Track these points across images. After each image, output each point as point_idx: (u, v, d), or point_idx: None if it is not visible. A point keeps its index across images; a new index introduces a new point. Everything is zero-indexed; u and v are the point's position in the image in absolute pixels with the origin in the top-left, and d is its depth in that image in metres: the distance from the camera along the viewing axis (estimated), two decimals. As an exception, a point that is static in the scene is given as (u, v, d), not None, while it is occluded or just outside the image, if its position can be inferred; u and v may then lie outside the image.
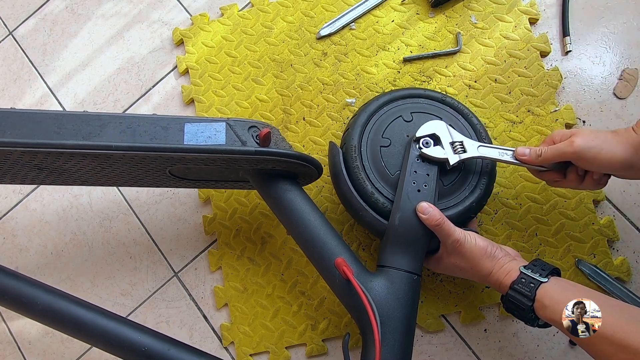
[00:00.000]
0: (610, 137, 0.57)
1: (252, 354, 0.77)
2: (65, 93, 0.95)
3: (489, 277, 0.58)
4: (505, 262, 0.57)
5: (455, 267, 0.62)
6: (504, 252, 0.59)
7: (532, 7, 0.81)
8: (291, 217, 0.65)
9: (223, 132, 0.60)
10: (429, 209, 0.60)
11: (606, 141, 0.56)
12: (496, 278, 0.57)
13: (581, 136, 0.58)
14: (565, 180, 0.63)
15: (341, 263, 0.59)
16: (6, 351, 0.85)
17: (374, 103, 0.69)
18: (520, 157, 0.62)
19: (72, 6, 1.00)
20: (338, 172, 0.66)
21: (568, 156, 0.58)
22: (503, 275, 0.56)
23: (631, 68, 0.77)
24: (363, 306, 0.56)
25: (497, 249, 0.59)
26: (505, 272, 0.56)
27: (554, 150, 0.59)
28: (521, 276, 0.54)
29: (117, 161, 0.58)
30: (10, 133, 0.54)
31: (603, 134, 0.57)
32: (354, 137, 0.66)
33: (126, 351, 0.61)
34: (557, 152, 0.59)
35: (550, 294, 0.52)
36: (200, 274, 0.82)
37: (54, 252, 0.87)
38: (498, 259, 0.58)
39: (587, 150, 0.56)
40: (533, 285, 0.53)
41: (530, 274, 0.54)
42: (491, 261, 0.58)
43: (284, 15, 0.89)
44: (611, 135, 0.57)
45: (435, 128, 0.63)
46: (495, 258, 0.58)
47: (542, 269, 0.55)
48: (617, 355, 0.46)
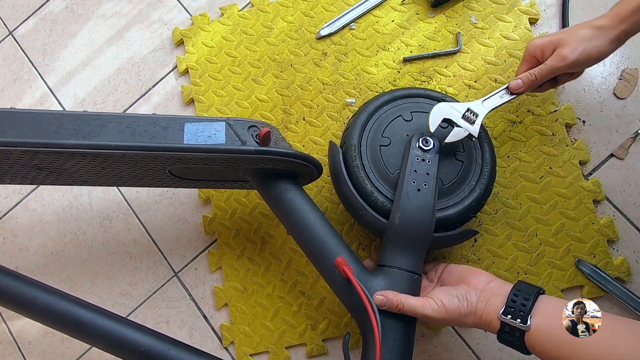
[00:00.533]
0: (590, 34, 0.58)
1: (252, 354, 0.77)
2: (65, 93, 0.95)
3: (478, 326, 0.55)
4: (482, 309, 0.53)
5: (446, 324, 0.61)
6: (475, 296, 0.55)
7: (532, 7, 0.81)
8: (291, 217, 0.65)
9: (223, 132, 0.60)
10: (383, 299, 0.57)
11: (590, 41, 0.58)
12: (482, 327, 0.54)
13: (567, 46, 0.58)
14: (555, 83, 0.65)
15: (341, 262, 0.59)
16: (6, 351, 0.85)
17: (373, 102, 0.69)
18: (517, 89, 0.63)
19: (72, 6, 1.00)
20: (338, 171, 0.66)
21: (562, 70, 0.59)
22: (487, 327, 0.54)
23: (631, 68, 0.77)
24: (363, 306, 0.56)
25: (466, 299, 0.54)
26: (487, 323, 0.53)
27: (548, 69, 0.60)
28: (503, 327, 0.51)
29: (117, 161, 0.58)
30: (10, 133, 0.54)
31: (583, 32, 0.58)
32: (353, 137, 0.66)
33: (126, 351, 0.61)
34: (551, 70, 0.60)
35: (538, 341, 0.49)
36: (200, 274, 0.82)
37: (54, 252, 0.87)
38: (474, 311, 0.54)
39: (579, 57, 0.58)
40: (517, 334, 0.50)
41: (510, 322, 0.50)
42: (469, 317, 0.54)
43: (284, 15, 0.89)
44: (590, 32, 0.58)
45: (443, 112, 0.63)
46: (471, 312, 0.54)
47: (520, 309, 0.50)
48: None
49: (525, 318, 0.50)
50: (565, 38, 0.60)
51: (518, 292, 0.52)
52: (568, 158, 0.74)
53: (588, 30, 0.58)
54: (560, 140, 0.75)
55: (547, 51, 0.62)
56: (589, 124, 0.76)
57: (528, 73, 0.62)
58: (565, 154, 0.74)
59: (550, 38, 0.61)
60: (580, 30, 0.59)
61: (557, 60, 0.59)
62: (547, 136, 0.75)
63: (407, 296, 0.57)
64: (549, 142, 0.75)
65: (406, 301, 0.56)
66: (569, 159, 0.74)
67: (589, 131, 0.76)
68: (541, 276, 0.71)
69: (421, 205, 0.61)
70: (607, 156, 0.74)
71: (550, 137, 0.75)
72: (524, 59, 0.65)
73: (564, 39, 0.60)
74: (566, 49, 0.58)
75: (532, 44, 0.63)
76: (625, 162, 0.74)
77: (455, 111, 0.64)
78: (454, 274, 0.61)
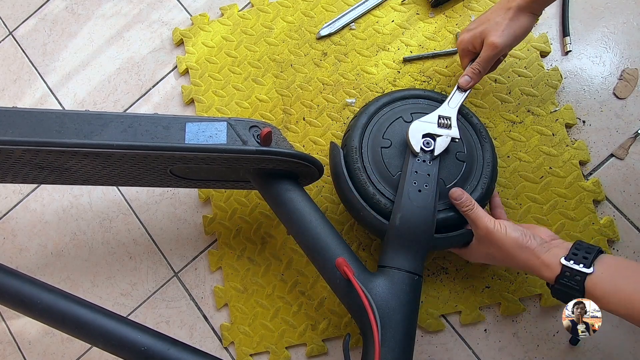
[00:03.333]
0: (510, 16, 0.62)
1: (252, 354, 0.77)
2: (65, 93, 0.95)
3: (526, 268, 0.56)
4: (542, 252, 0.55)
5: (489, 256, 0.61)
6: (538, 239, 0.57)
7: (532, 7, 0.81)
8: (292, 217, 0.65)
9: (224, 132, 0.60)
10: (461, 195, 0.61)
11: (512, 22, 0.62)
12: (536, 270, 0.55)
13: (492, 34, 0.63)
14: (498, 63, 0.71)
15: (342, 263, 0.59)
16: (6, 351, 0.85)
17: (373, 104, 0.70)
18: (467, 85, 0.67)
19: (72, 6, 1.00)
20: (339, 172, 0.66)
21: (498, 56, 0.65)
22: (544, 269, 0.54)
23: (631, 68, 0.77)
24: (363, 307, 0.56)
25: (531, 238, 0.56)
26: (545, 265, 0.54)
27: (485, 59, 0.65)
28: (564, 270, 0.52)
29: (118, 160, 0.58)
30: (12, 132, 0.54)
31: (501, 18, 0.63)
32: (354, 139, 0.66)
33: (126, 351, 0.60)
34: (488, 59, 0.65)
35: (600, 286, 0.50)
36: (200, 274, 0.82)
37: (54, 252, 0.87)
38: (533, 249, 0.55)
39: (507, 40, 0.63)
40: (579, 278, 0.51)
41: (573, 267, 0.51)
42: (525, 252, 0.56)
43: (284, 15, 0.89)
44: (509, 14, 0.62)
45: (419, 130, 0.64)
46: (529, 249, 0.56)
47: (584, 257, 0.52)
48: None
49: (589, 264, 0.51)
50: (487, 28, 0.64)
51: (580, 245, 0.54)
52: (568, 158, 0.74)
53: (505, 14, 0.63)
54: (560, 140, 0.75)
55: (476, 43, 0.66)
56: (589, 124, 0.76)
57: (471, 68, 0.67)
58: (565, 154, 0.74)
59: (474, 31, 0.66)
60: (497, 16, 0.63)
61: (490, 49, 0.64)
62: (547, 136, 0.75)
63: (479, 205, 0.61)
64: (549, 142, 0.75)
65: (477, 207, 0.60)
66: (569, 159, 0.74)
67: (589, 131, 0.76)
68: (541, 276, 0.71)
69: (422, 206, 0.61)
70: (607, 156, 0.74)
71: (550, 137, 0.75)
72: (461, 55, 0.71)
73: (487, 28, 0.64)
74: (493, 37, 0.63)
75: (461, 41, 0.68)
76: (625, 162, 0.74)
77: (429, 124, 0.64)
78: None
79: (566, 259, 0.52)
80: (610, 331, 0.68)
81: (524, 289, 0.71)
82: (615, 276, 0.50)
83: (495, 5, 0.65)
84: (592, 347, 0.69)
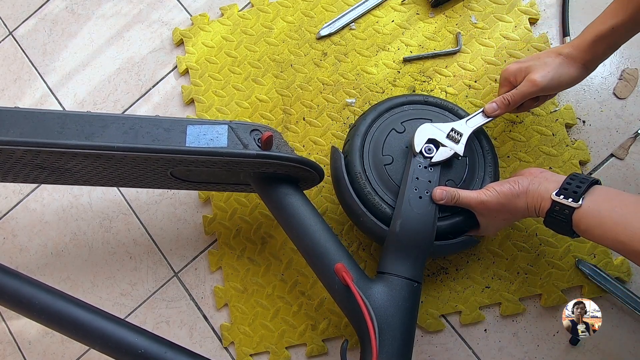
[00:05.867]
0: (560, 62, 0.61)
1: (252, 354, 0.77)
2: (65, 93, 0.95)
3: (527, 211, 0.57)
4: (534, 189, 0.56)
5: (500, 222, 0.62)
6: (527, 180, 0.57)
7: (532, 7, 0.81)
8: (291, 221, 0.65)
9: (225, 135, 0.60)
10: (442, 193, 0.61)
11: (560, 67, 0.62)
12: (532, 209, 0.56)
13: (536, 72, 0.62)
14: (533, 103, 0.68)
15: (341, 269, 0.58)
16: (6, 351, 0.85)
17: (376, 109, 0.70)
18: (492, 113, 0.66)
19: (72, 6, 1.00)
20: (340, 177, 0.66)
21: (534, 94, 0.63)
22: (538, 205, 0.55)
23: (631, 68, 0.77)
24: (361, 313, 0.55)
25: (518, 183, 0.57)
26: (538, 201, 0.55)
27: (520, 94, 0.64)
28: (553, 206, 0.53)
29: (118, 162, 0.58)
30: (13, 132, 0.54)
31: (551, 60, 0.62)
32: (356, 143, 0.66)
33: (123, 353, 0.60)
34: (523, 95, 0.64)
35: (584, 220, 0.51)
36: (200, 274, 0.82)
37: (54, 252, 0.87)
38: (525, 191, 0.56)
39: (549, 83, 0.62)
40: (567, 212, 0.52)
41: (562, 201, 0.52)
42: (521, 198, 0.57)
43: (284, 15, 0.89)
44: (557, 60, 0.62)
45: (427, 133, 0.64)
46: (523, 192, 0.57)
47: (574, 190, 0.52)
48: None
49: (578, 198, 0.51)
50: (535, 65, 0.63)
51: (574, 177, 0.54)
52: (568, 158, 0.74)
53: (555, 58, 0.62)
54: (560, 140, 0.75)
55: (519, 76, 0.65)
56: (589, 124, 0.76)
57: (502, 97, 0.66)
58: (565, 154, 0.74)
59: (521, 64, 0.65)
60: (548, 57, 0.63)
61: (528, 86, 0.63)
62: (547, 136, 0.75)
63: (462, 190, 0.61)
64: (549, 142, 0.75)
65: (462, 193, 0.61)
66: (569, 159, 0.74)
67: (589, 131, 0.76)
68: (541, 276, 0.71)
69: (422, 213, 0.61)
70: (607, 156, 0.74)
71: (550, 137, 0.75)
72: (501, 83, 0.69)
73: (534, 65, 0.63)
74: (536, 75, 0.62)
75: (505, 70, 0.67)
76: (625, 162, 0.74)
77: (439, 131, 0.64)
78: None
79: (557, 194, 0.53)
80: (610, 331, 0.69)
81: (524, 289, 0.71)
82: (601, 208, 0.50)
83: (553, 48, 0.64)
84: (592, 347, 0.69)
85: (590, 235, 0.51)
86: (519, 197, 0.57)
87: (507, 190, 0.57)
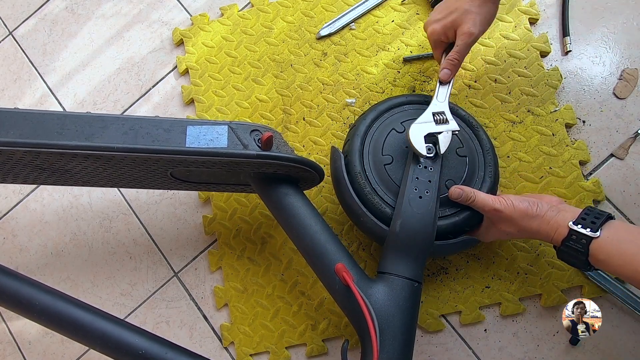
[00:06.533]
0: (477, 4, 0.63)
1: (252, 354, 0.77)
2: (65, 93, 0.95)
3: (538, 235, 0.57)
4: (551, 216, 0.56)
5: (503, 233, 0.61)
6: (547, 205, 0.57)
7: (532, 7, 0.81)
8: (292, 222, 0.65)
9: (225, 135, 0.60)
10: (460, 191, 0.61)
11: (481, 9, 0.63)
12: (545, 234, 0.56)
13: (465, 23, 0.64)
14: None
15: (341, 269, 0.58)
16: (6, 351, 0.85)
17: (377, 108, 0.70)
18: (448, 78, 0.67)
19: (72, 6, 1.00)
20: (340, 177, 0.66)
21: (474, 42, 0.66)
22: (553, 232, 0.55)
23: (631, 68, 0.77)
24: (362, 313, 0.55)
25: (538, 205, 0.57)
26: (554, 228, 0.55)
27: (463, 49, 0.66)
28: (571, 233, 0.53)
29: (118, 163, 0.58)
30: (13, 133, 0.54)
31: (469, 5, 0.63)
32: (355, 143, 0.66)
33: (123, 354, 0.60)
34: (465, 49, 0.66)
35: (604, 249, 0.51)
36: (200, 274, 0.82)
37: (54, 252, 0.87)
38: (542, 215, 0.56)
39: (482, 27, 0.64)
40: (585, 241, 0.52)
41: (580, 230, 0.52)
42: (536, 220, 0.56)
43: (284, 15, 0.89)
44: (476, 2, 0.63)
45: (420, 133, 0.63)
46: (539, 216, 0.56)
47: (592, 221, 0.53)
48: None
49: (596, 229, 0.52)
50: (458, 17, 0.64)
51: (590, 210, 0.54)
52: (568, 158, 0.74)
53: (471, 2, 0.63)
54: (560, 140, 0.75)
55: (449, 34, 0.67)
56: (589, 124, 0.76)
57: (449, 60, 0.67)
58: (565, 154, 0.74)
59: (443, 22, 0.66)
60: (464, 4, 0.64)
61: (466, 38, 0.64)
62: (547, 136, 0.75)
63: (479, 192, 0.61)
64: (549, 142, 0.75)
65: (478, 195, 0.61)
66: (569, 159, 0.74)
67: (589, 131, 0.76)
68: (541, 276, 0.71)
69: (422, 213, 0.61)
70: (607, 156, 0.74)
71: (550, 137, 0.75)
72: (434, 46, 0.70)
73: (458, 18, 0.64)
74: (466, 26, 0.64)
75: (432, 32, 0.68)
76: (625, 162, 0.74)
77: (426, 124, 0.64)
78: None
79: (574, 223, 0.53)
80: (610, 331, 0.69)
81: (524, 289, 0.71)
82: (620, 240, 0.51)
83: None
84: (592, 347, 0.69)
85: (608, 266, 0.51)
86: (534, 219, 0.56)
87: (524, 208, 0.57)
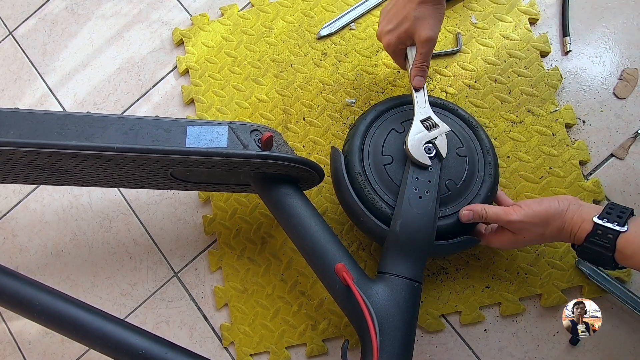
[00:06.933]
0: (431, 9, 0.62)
1: (252, 354, 0.77)
2: (65, 93, 0.95)
3: (559, 235, 0.56)
4: (573, 212, 0.54)
5: (526, 241, 0.59)
6: (566, 202, 0.55)
7: (532, 7, 0.81)
8: (292, 222, 0.65)
9: (225, 135, 0.60)
10: (470, 212, 0.60)
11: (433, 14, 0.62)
12: (568, 232, 0.55)
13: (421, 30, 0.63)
14: None
15: (341, 269, 0.58)
16: (6, 351, 0.85)
17: (376, 109, 0.70)
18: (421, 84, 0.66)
19: (72, 6, 1.00)
20: (340, 177, 0.66)
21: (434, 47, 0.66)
22: (576, 228, 0.53)
23: (631, 68, 0.77)
24: (362, 313, 0.55)
25: (557, 201, 0.56)
26: (577, 224, 0.53)
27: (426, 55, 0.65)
28: (597, 227, 0.51)
29: (118, 163, 0.58)
30: (14, 133, 0.54)
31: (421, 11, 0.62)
32: (355, 143, 0.66)
33: (123, 354, 0.60)
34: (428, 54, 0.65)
35: (632, 244, 0.49)
36: (200, 274, 0.82)
37: (54, 252, 0.87)
38: (564, 214, 0.55)
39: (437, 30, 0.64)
40: (611, 236, 0.50)
41: (606, 225, 0.51)
42: (558, 220, 0.55)
43: (284, 15, 0.89)
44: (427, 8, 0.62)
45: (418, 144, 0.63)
46: (561, 215, 0.55)
47: (618, 216, 0.51)
48: None
49: (623, 223, 0.50)
50: (412, 25, 0.63)
51: (614, 205, 0.53)
52: (568, 158, 0.74)
53: (419, 8, 0.62)
54: (560, 140, 0.75)
55: (407, 42, 0.66)
56: (589, 124, 0.76)
57: (418, 67, 0.66)
58: (565, 154, 0.74)
59: (397, 31, 0.65)
60: (413, 11, 0.62)
61: (426, 45, 0.64)
62: (547, 136, 0.75)
63: (490, 206, 0.60)
64: (549, 142, 0.75)
65: (489, 211, 0.59)
66: (569, 159, 0.74)
67: (589, 131, 0.76)
68: (541, 276, 0.71)
69: (423, 213, 0.61)
70: (607, 156, 0.74)
71: (550, 137, 0.75)
72: (394, 56, 0.69)
73: (412, 25, 0.63)
74: (423, 32, 0.63)
75: (388, 44, 0.67)
76: (625, 162, 0.74)
77: (420, 134, 0.63)
78: None
79: (599, 218, 0.52)
80: (610, 331, 0.69)
81: (524, 289, 0.71)
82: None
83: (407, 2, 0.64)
84: (592, 347, 0.69)
85: (634, 262, 0.50)
86: (554, 218, 0.55)
87: (544, 209, 0.55)
